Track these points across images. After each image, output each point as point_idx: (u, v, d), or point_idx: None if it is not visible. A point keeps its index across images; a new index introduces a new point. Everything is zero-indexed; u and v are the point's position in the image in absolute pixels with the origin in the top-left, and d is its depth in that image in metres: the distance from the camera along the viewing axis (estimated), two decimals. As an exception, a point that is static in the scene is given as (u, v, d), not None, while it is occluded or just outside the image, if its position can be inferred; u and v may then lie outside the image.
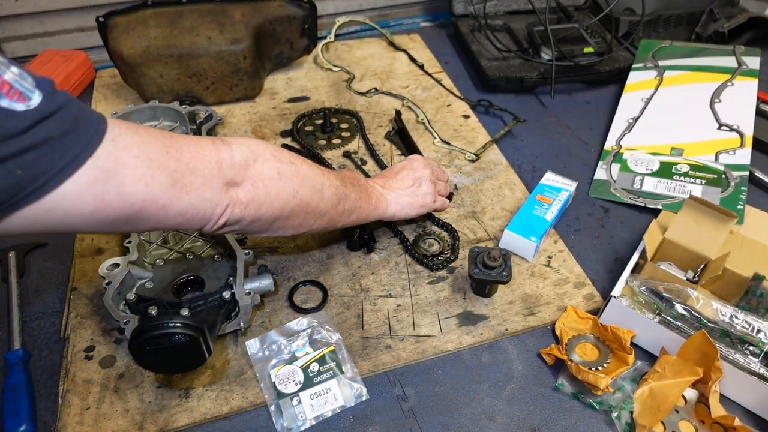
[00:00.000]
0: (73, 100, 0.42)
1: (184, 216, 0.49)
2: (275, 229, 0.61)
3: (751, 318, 0.66)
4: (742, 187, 0.90)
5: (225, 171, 0.52)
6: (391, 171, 0.82)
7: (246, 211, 0.54)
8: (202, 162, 0.50)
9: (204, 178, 0.50)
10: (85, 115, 0.42)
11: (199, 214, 0.51)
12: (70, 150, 0.40)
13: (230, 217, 0.53)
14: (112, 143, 0.43)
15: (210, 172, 0.51)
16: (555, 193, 0.87)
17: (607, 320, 0.72)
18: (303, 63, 1.24)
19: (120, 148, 0.44)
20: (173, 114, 0.99)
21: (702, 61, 1.14)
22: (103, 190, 0.43)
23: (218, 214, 0.52)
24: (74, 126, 0.41)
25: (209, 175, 0.50)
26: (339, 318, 0.74)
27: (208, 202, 0.51)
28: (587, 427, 0.64)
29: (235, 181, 0.53)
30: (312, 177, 0.62)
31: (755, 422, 0.65)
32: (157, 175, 0.46)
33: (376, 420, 0.64)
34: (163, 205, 0.47)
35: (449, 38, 1.37)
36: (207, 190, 0.50)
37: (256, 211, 0.55)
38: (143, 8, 1.03)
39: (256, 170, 0.55)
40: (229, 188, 0.53)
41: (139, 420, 0.63)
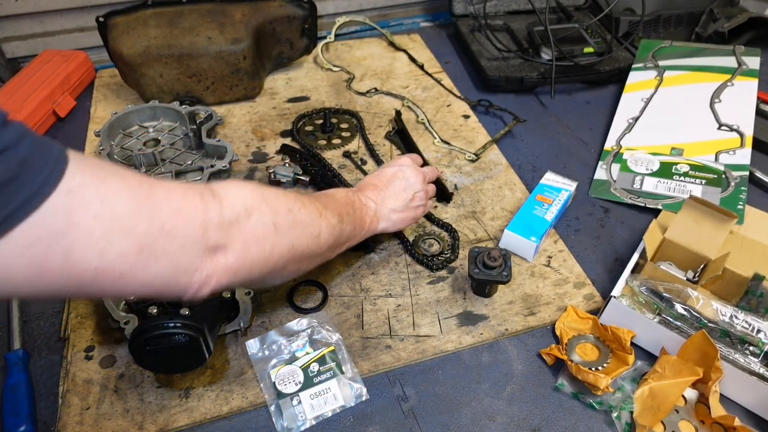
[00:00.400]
0: (25, 138, 0.34)
1: (149, 287, 0.42)
2: (264, 283, 0.56)
3: (751, 318, 0.66)
4: (742, 187, 0.90)
5: (210, 233, 0.44)
6: (380, 178, 0.75)
7: (234, 278, 0.47)
8: (183, 223, 0.42)
9: (181, 243, 0.42)
10: (37, 156, 0.34)
11: (171, 284, 0.43)
12: (9, 202, 0.33)
13: (216, 286, 0.46)
14: (66, 197, 0.35)
15: (191, 235, 0.42)
16: (555, 193, 0.87)
17: (607, 320, 0.72)
18: (303, 63, 1.24)
19: (75, 205, 0.36)
20: (173, 114, 0.99)
21: (702, 61, 1.14)
22: (44, 256, 0.35)
23: (197, 285, 0.44)
24: (19, 172, 0.33)
25: (189, 239, 0.42)
26: (339, 318, 0.74)
27: (184, 271, 0.43)
28: (587, 427, 0.64)
29: (222, 244, 0.45)
30: (310, 223, 0.56)
31: (755, 422, 0.65)
32: (117, 240, 0.38)
33: (376, 420, 0.64)
34: (120, 275, 0.39)
35: (449, 38, 1.37)
36: (183, 257, 0.42)
37: (247, 274, 0.49)
38: (143, 8, 1.03)
39: (249, 228, 0.47)
40: (214, 254, 0.45)
41: (139, 420, 0.63)
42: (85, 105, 1.12)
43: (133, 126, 0.99)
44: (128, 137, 0.97)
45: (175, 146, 0.96)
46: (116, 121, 0.96)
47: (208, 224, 0.44)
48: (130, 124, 0.99)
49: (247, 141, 1.03)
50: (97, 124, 1.06)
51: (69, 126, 1.08)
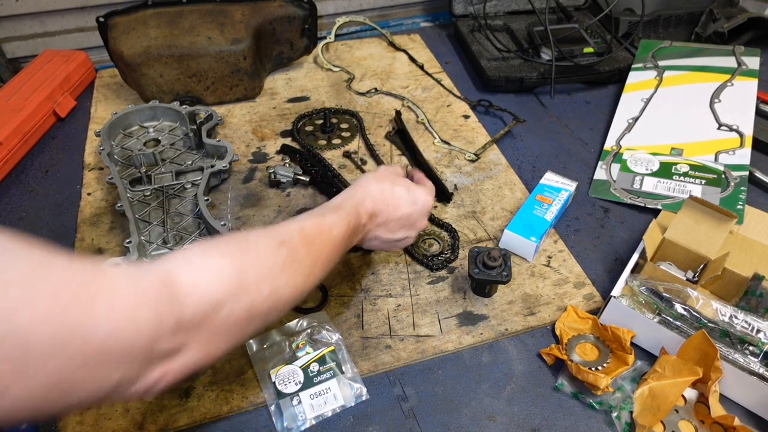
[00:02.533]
0: None
1: (75, 408, 0.36)
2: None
3: (750, 318, 0.66)
4: (741, 187, 0.90)
5: (161, 344, 0.36)
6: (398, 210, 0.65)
7: (193, 369, 0.40)
8: (124, 346, 0.33)
9: (119, 361, 0.34)
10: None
11: (106, 399, 0.35)
12: None
13: (166, 384, 0.39)
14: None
15: (130, 354, 0.34)
16: (555, 193, 0.87)
17: (607, 320, 0.72)
18: (303, 63, 1.24)
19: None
20: (173, 114, 1.00)
21: (702, 61, 1.14)
22: None
23: (142, 391, 0.37)
24: None
25: (130, 357, 0.34)
26: (339, 318, 0.74)
27: (120, 385, 0.35)
28: (587, 427, 0.64)
29: (179, 347, 0.38)
30: (294, 296, 0.48)
31: (755, 422, 0.65)
32: (12, 384, 0.29)
33: (376, 420, 0.64)
34: (32, 411, 0.31)
35: (449, 38, 1.38)
36: (116, 374, 0.34)
37: (211, 361, 0.42)
38: (143, 8, 1.03)
39: (216, 323, 0.40)
40: (166, 358, 0.37)
41: (139, 420, 0.63)
42: (85, 105, 1.12)
43: (134, 126, 0.99)
44: (128, 137, 0.97)
45: (176, 146, 0.96)
46: (116, 121, 0.96)
47: (161, 334, 0.36)
48: (131, 124, 0.99)
49: (247, 141, 1.03)
50: (97, 124, 1.06)
51: (69, 126, 1.08)
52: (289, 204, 0.91)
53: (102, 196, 0.91)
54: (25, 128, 0.99)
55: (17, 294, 0.29)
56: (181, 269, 0.39)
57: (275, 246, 0.47)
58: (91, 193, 0.92)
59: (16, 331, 0.28)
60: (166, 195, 0.87)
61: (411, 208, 0.66)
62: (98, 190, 0.92)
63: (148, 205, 0.85)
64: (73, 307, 0.31)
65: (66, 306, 0.31)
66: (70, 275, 0.32)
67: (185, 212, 0.85)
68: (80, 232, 0.85)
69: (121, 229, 0.85)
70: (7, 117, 0.98)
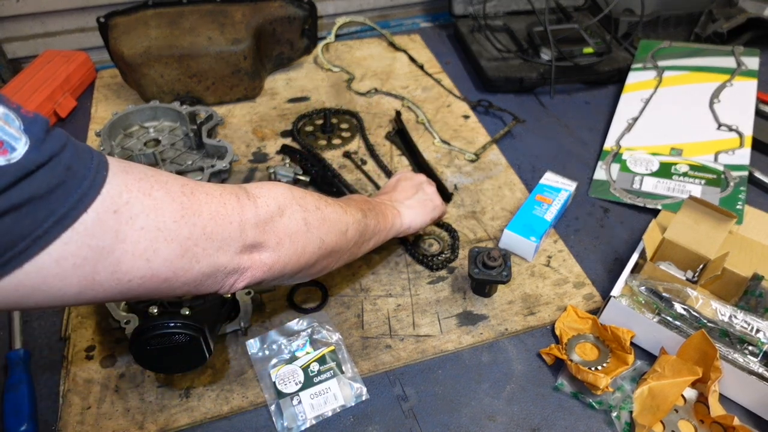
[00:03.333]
0: (67, 145, 0.35)
1: (190, 285, 0.43)
2: (295, 279, 0.57)
3: (750, 318, 0.66)
4: (741, 187, 0.90)
5: (247, 232, 0.46)
6: (386, 188, 0.79)
7: (269, 273, 0.49)
8: (222, 224, 0.44)
9: (221, 243, 0.44)
10: (80, 162, 0.35)
11: (210, 281, 0.45)
12: (60, 206, 0.34)
13: (250, 281, 0.48)
14: (114, 216, 0.36)
15: (229, 236, 0.44)
16: (555, 193, 0.87)
17: (606, 320, 0.72)
18: (303, 63, 1.24)
19: (122, 222, 0.37)
20: (173, 114, 1.00)
21: (701, 62, 1.14)
22: (93, 271, 0.36)
23: (234, 280, 0.47)
24: (65, 178, 0.34)
25: (228, 239, 0.44)
26: (339, 318, 0.75)
27: (223, 269, 0.45)
28: (587, 426, 0.64)
29: (259, 242, 0.47)
30: (337, 220, 0.57)
31: (754, 422, 0.65)
32: (162, 247, 0.39)
33: (376, 420, 0.64)
34: (165, 278, 0.41)
35: (449, 38, 1.38)
36: (222, 256, 0.44)
37: (281, 270, 0.50)
38: (144, 9, 1.03)
39: (282, 225, 0.49)
40: (251, 251, 0.47)
41: (139, 419, 0.63)
42: (85, 105, 1.13)
43: (134, 126, 1.00)
44: (129, 137, 0.97)
45: (176, 146, 0.97)
46: (117, 122, 0.96)
47: (245, 224, 0.46)
48: (131, 125, 0.99)
49: (248, 141, 1.03)
50: (97, 125, 1.06)
51: (70, 126, 1.08)
52: (289, 204, 0.91)
53: (102, 196, 0.91)
54: (25, 128, 0.99)
55: (146, 185, 0.40)
56: (250, 187, 0.49)
57: (312, 192, 0.58)
58: (92, 193, 0.92)
59: (151, 207, 0.39)
60: (167, 195, 0.87)
61: (394, 178, 0.81)
62: (98, 190, 0.92)
63: (148, 205, 0.85)
64: (180, 194, 0.42)
65: (177, 193, 0.41)
66: (173, 178, 0.43)
67: (185, 212, 0.85)
68: (81, 232, 0.85)
69: (122, 229, 0.85)
70: (7, 117, 0.98)
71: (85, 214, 0.35)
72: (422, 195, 0.77)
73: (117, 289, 0.39)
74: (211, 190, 0.45)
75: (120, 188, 0.37)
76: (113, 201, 0.36)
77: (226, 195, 0.46)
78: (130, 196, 0.38)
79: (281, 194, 0.51)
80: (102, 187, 0.36)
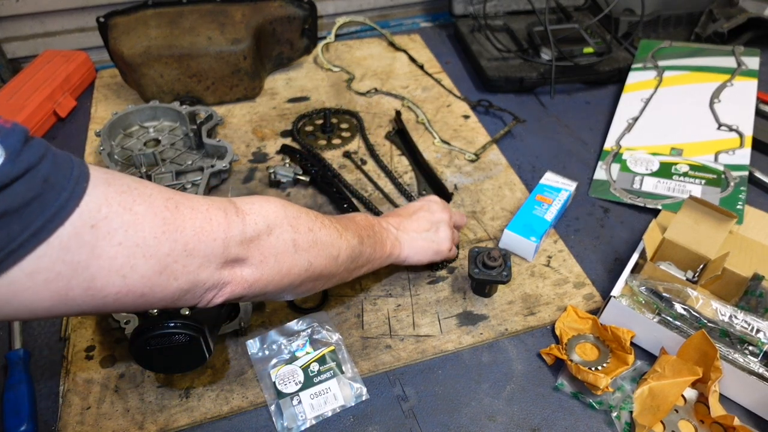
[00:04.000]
0: (47, 156, 0.34)
1: (167, 301, 0.43)
2: (279, 298, 0.56)
3: (750, 318, 0.66)
4: (741, 187, 0.90)
5: (231, 249, 0.45)
6: (406, 210, 0.75)
7: (249, 290, 0.48)
8: (205, 241, 0.43)
9: (203, 259, 0.43)
10: (59, 174, 0.34)
11: (189, 296, 0.44)
12: (34, 220, 0.33)
13: (230, 296, 0.47)
14: (91, 231, 0.35)
15: (212, 252, 0.43)
16: (555, 193, 0.87)
17: (606, 320, 0.72)
18: (303, 63, 1.24)
19: (100, 237, 0.36)
20: (173, 114, 1.00)
21: (701, 62, 1.14)
22: (66, 286, 0.36)
23: (212, 295, 0.46)
24: (42, 191, 0.33)
25: (210, 255, 0.43)
26: (339, 318, 0.74)
27: (202, 284, 0.44)
28: (587, 426, 0.64)
29: (241, 257, 0.46)
30: (330, 244, 0.56)
31: (755, 422, 0.65)
32: (140, 264, 0.39)
33: (376, 420, 0.64)
34: (141, 294, 0.40)
35: (449, 38, 1.38)
36: (203, 272, 0.43)
37: (263, 288, 0.50)
38: (144, 8, 1.03)
39: (268, 244, 0.48)
40: (233, 266, 0.46)
41: (139, 420, 0.63)
42: (85, 105, 1.13)
43: (134, 126, 1.00)
44: (129, 137, 0.97)
45: (176, 146, 0.96)
46: (117, 121, 0.96)
47: (230, 241, 0.45)
48: (131, 124, 0.99)
49: (248, 141, 1.03)
50: (97, 124, 1.06)
51: (70, 126, 1.08)
52: (289, 204, 0.91)
53: (102, 196, 0.91)
54: (25, 128, 0.99)
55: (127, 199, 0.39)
56: (241, 202, 0.49)
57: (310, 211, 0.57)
58: (92, 193, 0.92)
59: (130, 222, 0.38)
60: (167, 195, 0.87)
61: (419, 203, 0.77)
62: (98, 190, 0.92)
63: (148, 205, 0.85)
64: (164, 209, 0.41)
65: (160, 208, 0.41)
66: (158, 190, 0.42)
67: (185, 212, 0.85)
68: (80, 232, 0.85)
69: (122, 229, 0.85)
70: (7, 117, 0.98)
71: (62, 228, 0.34)
72: (433, 235, 0.73)
73: (91, 304, 0.38)
74: (198, 204, 0.44)
75: (99, 201, 0.36)
76: (91, 215, 0.36)
77: (213, 210, 0.45)
78: (110, 210, 0.37)
79: (273, 212, 0.50)
80: (81, 200, 0.35)
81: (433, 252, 0.73)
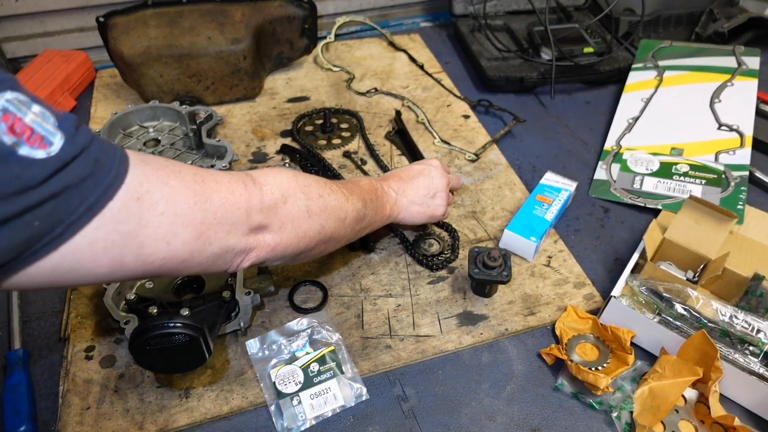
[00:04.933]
0: (94, 139, 0.39)
1: (204, 265, 0.48)
2: (295, 261, 0.61)
3: (750, 318, 0.66)
4: (741, 187, 0.90)
5: (253, 217, 0.50)
6: (407, 173, 0.78)
7: (272, 254, 0.53)
8: (231, 210, 0.48)
9: (230, 227, 0.48)
10: (105, 156, 0.39)
11: (221, 261, 0.49)
12: (90, 194, 0.37)
13: (255, 260, 0.52)
14: (137, 203, 0.40)
15: (237, 220, 0.48)
16: (555, 193, 0.87)
17: (607, 320, 0.72)
18: (303, 63, 1.24)
19: (144, 209, 0.41)
20: (173, 114, 0.99)
21: (702, 61, 1.14)
22: (120, 253, 0.41)
23: (241, 260, 0.51)
24: (94, 169, 0.38)
25: (236, 223, 0.48)
26: (339, 318, 0.74)
27: (232, 249, 0.49)
28: (587, 427, 0.64)
29: (263, 224, 0.52)
30: (338, 207, 0.60)
31: (755, 422, 0.65)
32: (180, 231, 0.44)
33: (376, 420, 0.64)
34: (183, 259, 0.45)
35: (449, 38, 1.38)
36: (231, 238, 0.48)
37: (283, 251, 0.55)
38: (143, 8, 1.03)
39: (285, 211, 0.53)
40: (256, 233, 0.51)
41: (139, 420, 0.63)
42: (85, 105, 1.12)
43: (133, 126, 0.99)
44: (128, 137, 0.97)
45: (176, 146, 0.96)
46: (116, 121, 0.96)
47: (251, 209, 0.50)
48: (130, 124, 0.99)
49: (247, 141, 1.03)
50: (97, 124, 1.06)
51: (69, 126, 1.08)
52: (289, 204, 0.91)
53: (102, 196, 0.91)
54: (25, 128, 0.99)
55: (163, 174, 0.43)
56: (257, 174, 0.53)
57: (319, 179, 0.61)
58: (91, 193, 0.92)
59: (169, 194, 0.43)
60: (166, 195, 0.87)
61: (419, 167, 0.79)
62: (98, 190, 0.92)
63: (148, 205, 0.85)
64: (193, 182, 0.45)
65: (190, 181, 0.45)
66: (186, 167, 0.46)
67: (185, 212, 0.85)
68: (80, 232, 0.85)
69: (121, 229, 0.85)
70: (7, 117, 0.98)
71: (112, 202, 0.39)
72: (429, 200, 0.77)
73: (142, 269, 0.43)
74: (221, 177, 0.49)
75: (141, 178, 0.41)
76: (135, 189, 0.40)
77: (234, 182, 0.49)
78: (150, 186, 0.41)
79: (286, 182, 0.54)
80: (126, 177, 0.40)
81: (428, 216, 0.78)
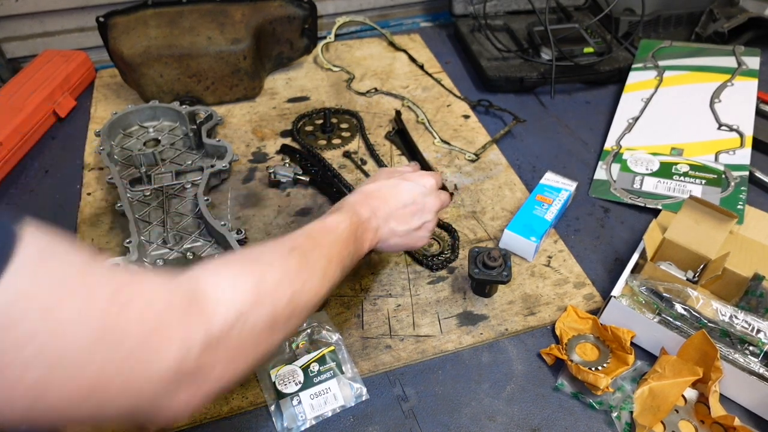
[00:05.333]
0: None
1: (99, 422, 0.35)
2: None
3: (750, 318, 0.66)
4: (741, 187, 0.90)
5: (189, 359, 0.35)
6: (397, 195, 0.65)
7: (211, 396, 0.39)
8: (152, 348, 0.33)
9: (149, 373, 0.33)
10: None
11: (126, 414, 0.34)
12: None
13: (188, 410, 0.37)
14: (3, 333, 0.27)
15: (160, 367, 0.33)
16: (555, 193, 0.87)
17: (607, 320, 0.72)
18: (303, 63, 1.24)
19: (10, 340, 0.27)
20: (173, 114, 1.00)
21: (702, 61, 1.14)
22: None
23: (164, 415, 0.36)
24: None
25: (159, 371, 0.33)
26: (339, 318, 0.74)
27: (148, 403, 0.34)
28: (587, 427, 0.64)
29: (205, 365, 0.36)
30: (312, 296, 0.48)
31: (755, 422, 0.65)
32: (60, 381, 0.29)
33: (376, 420, 0.64)
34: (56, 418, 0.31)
35: (449, 38, 1.38)
36: (149, 385, 0.33)
37: (228, 385, 0.40)
38: (143, 8, 1.03)
39: (241, 337, 0.39)
40: (192, 379, 0.36)
41: (139, 420, 0.63)
42: (85, 105, 1.12)
43: (133, 126, 0.99)
44: (128, 137, 0.97)
45: (175, 146, 0.96)
46: (116, 121, 0.96)
47: (190, 348, 0.35)
48: (130, 124, 0.99)
49: (247, 141, 1.03)
50: (97, 124, 1.06)
51: (69, 126, 1.08)
52: (289, 204, 0.91)
53: (102, 196, 0.91)
54: (24, 128, 0.99)
55: (56, 296, 0.29)
56: (209, 287, 0.39)
57: (286, 252, 0.48)
58: (91, 193, 0.92)
59: (53, 330, 0.29)
60: (166, 195, 0.87)
61: (413, 192, 0.66)
62: (98, 190, 0.92)
63: (148, 205, 0.85)
64: (106, 310, 0.31)
65: (100, 309, 0.31)
66: (106, 280, 0.33)
67: (185, 212, 0.85)
68: (80, 232, 0.85)
69: (121, 229, 0.85)
70: (7, 117, 0.98)
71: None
72: (414, 233, 0.67)
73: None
74: (154, 293, 0.35)
75: (20, 291, 0.28)
76: (4, 310, 0.27)
77: (173, 305, 0.35)
78: (29, 306, 0.28)
79: (246, 293, 0.40)
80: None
81: (406, 247, 0.69)
